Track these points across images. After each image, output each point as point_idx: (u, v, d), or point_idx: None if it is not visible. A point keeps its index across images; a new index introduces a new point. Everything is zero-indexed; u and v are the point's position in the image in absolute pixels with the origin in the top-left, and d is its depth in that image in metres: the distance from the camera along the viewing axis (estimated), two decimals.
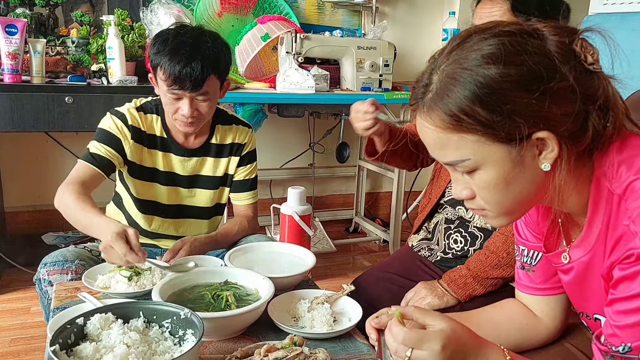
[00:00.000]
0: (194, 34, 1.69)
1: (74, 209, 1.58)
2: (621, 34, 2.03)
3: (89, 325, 1.08)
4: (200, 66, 1.63)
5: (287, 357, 1.07)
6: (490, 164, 0.88)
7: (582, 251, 0.98)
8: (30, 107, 2.51)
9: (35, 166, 3.31)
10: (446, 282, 1.58)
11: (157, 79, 1.72)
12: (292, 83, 3.00)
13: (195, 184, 1.92)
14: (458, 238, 1.67)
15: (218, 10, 3.26)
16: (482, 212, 0.96)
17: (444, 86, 0.87)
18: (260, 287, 1.36)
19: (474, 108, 0.84)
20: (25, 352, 2.35)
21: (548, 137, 0.85)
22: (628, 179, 0.86)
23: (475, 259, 1.57)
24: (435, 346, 0.88)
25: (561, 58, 0.85)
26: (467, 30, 0.91)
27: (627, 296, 0.83)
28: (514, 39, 0.85)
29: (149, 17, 2.96)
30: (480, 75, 0.84)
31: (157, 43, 1.69)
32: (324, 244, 3.51)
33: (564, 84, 0.84)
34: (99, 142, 1.77)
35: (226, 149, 1.93)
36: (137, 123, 1.80)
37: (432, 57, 0.93)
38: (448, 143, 0.89)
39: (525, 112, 0.83)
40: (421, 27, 4.09)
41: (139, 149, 1.82)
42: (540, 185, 0.91)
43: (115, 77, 2.75)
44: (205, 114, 1.74)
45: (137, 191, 1.88)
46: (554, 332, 1.21)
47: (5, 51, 2.49)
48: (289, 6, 3.53)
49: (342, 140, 3.74)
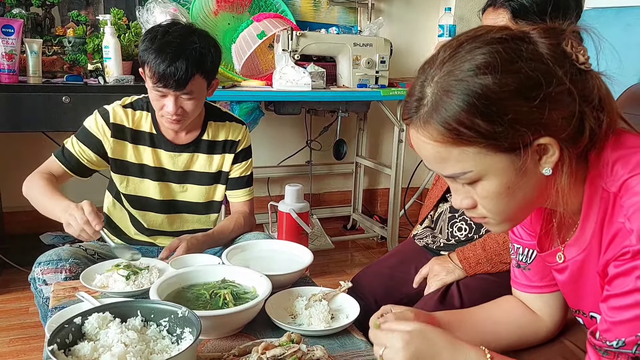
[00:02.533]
0: (182, 32, 1.70)
1: (40, 195, 1.68)
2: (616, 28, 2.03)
3: (87, 324, 1.09)
4: (185, 66, 1.64)
5: (285, 355, 1.08)
6: (493, 174, 0.87)
7: (576, 250, 0.98)
8: (27, 107, 2.51)
9: (33, 166, 3.27)
10: (459, 258, 1.58)
11: (145, 75, 1.74)
12: (289, 80, 3.00)
13: (187, 179, 1.93)
14: (463, 226, 1.68)
15: (214, 8, 3.26)
16: (484, 220, 0.96)
17: (440, 99, 0.85)
18: (258, 285, 1.37)
19: (474, 120, 0.83)
20: (24, 352, 2.35)
21: (550, 143, 0.85)
22: (623, 177, 0.86)
23: (493, 240, 1.56)
24: (397, 344, 0.95)
25: (555, 61, 0.85)
26: (457, 39, 0.89)
27: (621, 292, 0.83)
28: (507, 45, 0.84)
29: (145, 16, 2.95)
30: (476, 86, 0.82)
31: (145, 40, 1.70)
32: (322, 241, 3.51)
33: (562, 88, 0.84)
34: (78, 140, 1.81)
35: (219, 146, 1.93)
36: (120, 120, 1.82)
37: (422, 68, 0.91)
38: (448, 156, 0.88)
39: (527, 120, 0.83)
40: (417, 23, 4.09)
41: (122, 144, 1.84)
42: (542, 190, 0.91)
43: (111, 77, 2.75)
44: (190, 112, 1.74)
45: (125, 187, 1.89)
46: (552, 329, 1.21)
47: (1, 51, 2.49)
48: (285, 4, 3.52)
49: (339, 137, 3.74)
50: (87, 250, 1.76)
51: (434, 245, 1.75)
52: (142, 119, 1.85)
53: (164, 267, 1.55)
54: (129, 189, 1.89)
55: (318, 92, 3.07)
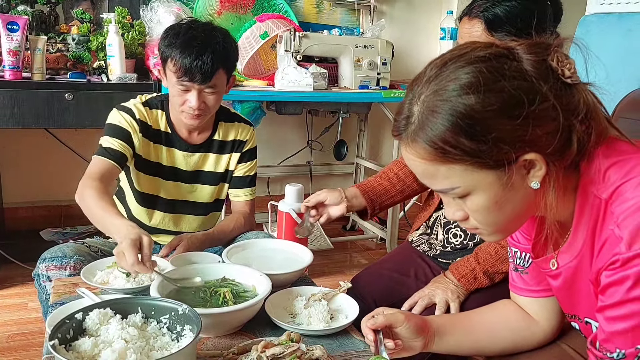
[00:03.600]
0: (206, 28, 1.74)
1: (94, 207, 1.58)
2: (618, 34, 2.04)
3: (88, 320, 1.09)
4: (211, 60, 1.68)
5: (284, 353, 1.08)
6: (481, 189, 0.88)
7: (569, 256, 0.98)
8: (31, 103, 2.52)
9: (35, 162, 3.31)
10: (456, 277, 1.57)
11: (166, 72, 1.76)
12: (291, 81, 3.01)
13: (197, 179, 1.94)
14: (458, 232, 1.68)
15: (217, 8, 3.27)
16: (477, 231, 0.97)
17: (426, 118, 0.86)
18: (258, 284, 1.37)
19: (459, 139, 0.84)
20: (22, 347, 2.36)
21: (535, 158, 0.85)
22: (616, 183, 0.86)
23: (485, 253, 1.56)
24: None
25: (539, 77, 0.85)
26: (442, 58, 0.90)
27: (615, 302, 0.83)
28: (490, 64, 0.85)
29: (149, 15, 2.97)
30: (460, 106, 0.83)
31: (168, 36, 1.73)
32: (321, 241, 3.52)
33: (546, 105, 0.84)
34: (110, 136, 1.79)
35: (228, 146, 1.95)
36: (144, 117, 1.84)
37: (410, 85, 0.92)
38: (436, 173, 0.89)
39: (511, 138, 0.83)
40: (419, 25, 4.10)
41: (146, 143, 1.85)
42: (531, 203, 0.91)
43: (115, 75, 2.76)
44: (211, 107, 1.77)
45: (141, 185, 1.90)
46: (550, 333, 1.20)
47: (6, 48, 2.49)
48: (288, 4, 3.53)
49: (339, 137, 3.75)
50: (90, 247, 1.77)
51: (431, 253, 1.75)
52: (158, 118, 1.87)
53: (164, 265, 1.56)
54: (143, 186, 1.90)
55: (320, 93, 3.08)
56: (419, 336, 1.15)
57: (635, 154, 0.89)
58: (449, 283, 1.57)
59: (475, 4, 1.54)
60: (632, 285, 0.80)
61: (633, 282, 0.80)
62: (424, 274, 1.72)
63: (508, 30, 1.45)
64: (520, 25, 1.45)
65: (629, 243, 0.81)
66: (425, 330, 1.16)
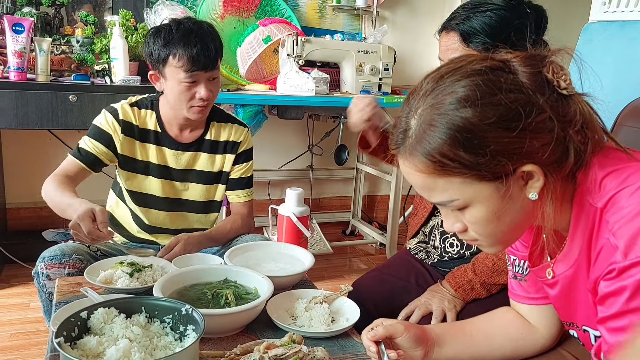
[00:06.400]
0: (194, 22, 1.80)
1: (54, 194, 1.68)
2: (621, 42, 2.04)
3: (93, 318, 1.11)
4: (213, 46, 1.75)
5: (287, 355, 1.09)
6: (479, 202, 0.89)
7: (565, 265, 0.99)
8: (35, 104, 2.54)
9: (38, 163, 3.32)
10: (453, 287, 1.58)
11: (164, 73, 1.78)
12: (293, 85, 3.03)
13: (189, 177, 1.97)
14: (454, 242, 1.69)
15: (220, 12, 3.28)
16: (476, 243, 0.97)
17: (423, 132, 0.87)
18: (260, 286, 1.39)
19: (457, 152, 0.84)
20: (25, 346, 2.37)
21: (533, 170, 0.86)
22: (611, 192, 0.86)
23: (482, 265, 1.56)
24: None
25: (535, 89, 0.86)
26: (438, 71, 0.91)
27: (615, 313, 0.83)
28: (486, 77, 0.86)
29: (153, 18, 2.99)
30: (457, 120, 0.84)
31: (159, 37, 1.75)
32: (321, 245, 3.53)
33: (542, 117, 0.85)
34: (89, 137, 1.86)
35: (220, 146, 1.97)
36: (128, 117, 1.87)
37: (407, 99, 0.93)
38: (435, 186, 0.90)
39: (508, 150, 0.84)
40: (421, 31, 4.11)
41: (131, 142, 1.88)
42: (529, 213, 0.92)
43: (118, 77, 2.78)
44: (215, 94, 1.84)
45: (130, 184, 1.93)
46: (550, 340, 1.20)
47: (11, 49, 2.51)
48: (291, 9, 3.55)
49: (340, 142, 3.77)
50: (89, 246, 1.78)
51: (429, 261, 1.76)
52: (147, 117, 1.90)
53: (166, 265, 1.58)
54: (133, 185, 1.93)
55: (321, 98, 3.09)
56: (419, 346, 1.14)
57: (631, 163, 0.89)
58: (446, 292, 1.58)
59: (453, 17, 1.56)
60: (631, 296, 0.80)
61: (631, 292, 0.80)
62: (425, 281, 1.72)
63: (483, 41, 1.47)
64: (496, 36, 1.45)
65: (624, 252, 0.81)
66: (424, 340, 1.15)
